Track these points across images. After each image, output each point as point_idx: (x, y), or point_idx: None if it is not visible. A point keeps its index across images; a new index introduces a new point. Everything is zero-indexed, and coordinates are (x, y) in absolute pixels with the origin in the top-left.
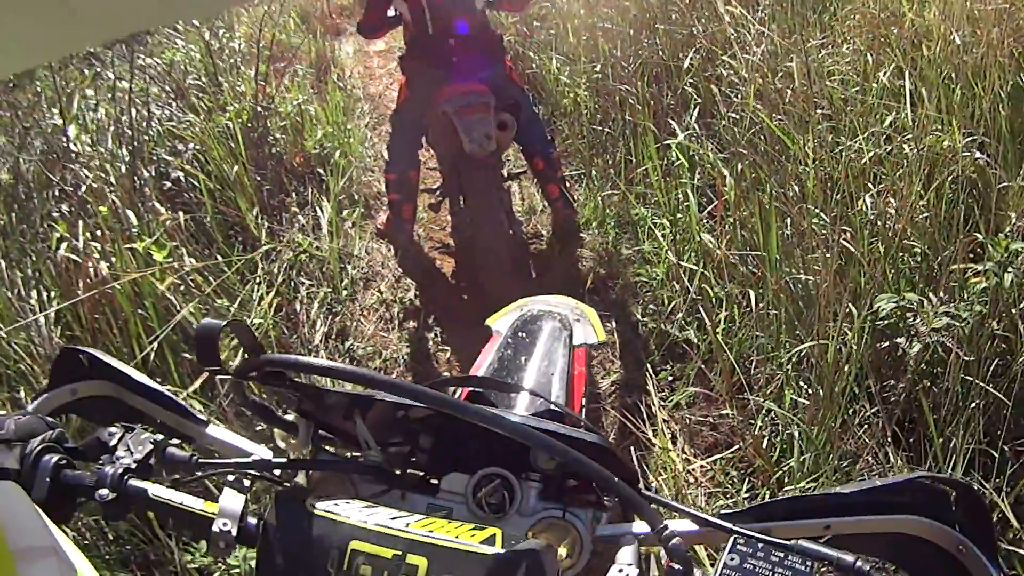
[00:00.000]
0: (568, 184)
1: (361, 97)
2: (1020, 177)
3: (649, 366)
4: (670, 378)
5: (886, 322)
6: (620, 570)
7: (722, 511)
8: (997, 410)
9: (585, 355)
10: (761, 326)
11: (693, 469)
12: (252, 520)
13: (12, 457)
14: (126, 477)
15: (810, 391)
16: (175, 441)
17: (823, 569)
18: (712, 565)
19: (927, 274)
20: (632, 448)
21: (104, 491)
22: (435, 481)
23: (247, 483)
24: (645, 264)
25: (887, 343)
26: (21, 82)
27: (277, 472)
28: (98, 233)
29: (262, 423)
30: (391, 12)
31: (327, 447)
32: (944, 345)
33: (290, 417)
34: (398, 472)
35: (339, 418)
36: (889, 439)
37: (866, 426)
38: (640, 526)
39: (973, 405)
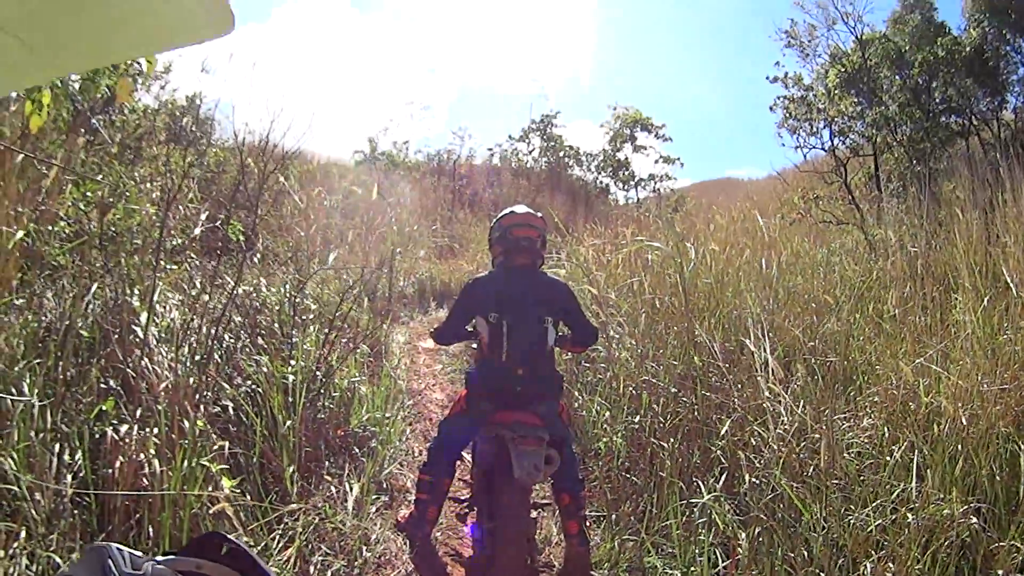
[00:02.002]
0: (588, 523)
1: (404, 390)
2: (1010, 537)
3: None
4: None
5: None
6: None
7: None
8: None
9: None
10: None
11: None
12: None
13: None
14: None
15: None
16: None
17: None
18: None
19: None
20: None
21: None
22: None
23: None
24: None
25: None
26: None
27: None
28: (151, 428)
29: None
30: (468, 327)
31: None
32: None
33: None
34: None
35: None
36: None
37: None
38: None
39: None
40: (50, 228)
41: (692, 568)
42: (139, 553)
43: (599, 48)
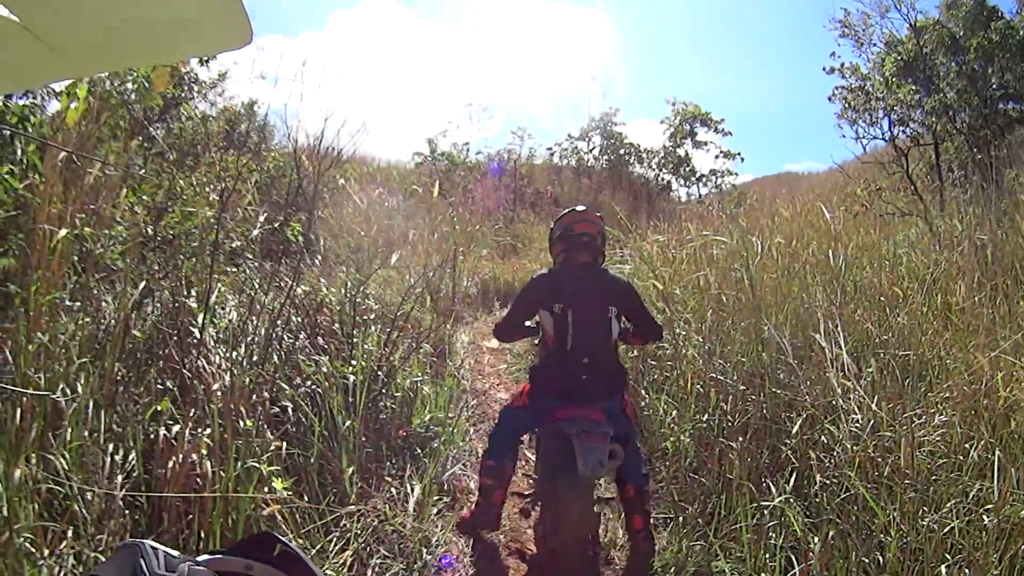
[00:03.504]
0: (653, 522)
1: (468, 390)
2: None
3: None
4: None
5: None
6: None
7: None
8: None
9: None
10: None
11: None
12: None
13: None
14: None
15: None
16: None
17: None
18: None
19: None
20: None
21: None
22: None
23: None
24: None
25: None
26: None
27: None
28: (204, 429)
29: None
30: (530, 322)
31: None
32: None
33: None
34: None
35: None
36: None
37: None
38: None
39: None
40: (106, 231)
41: (762, 574)
42: (175, 552)
43: (649, 43)
